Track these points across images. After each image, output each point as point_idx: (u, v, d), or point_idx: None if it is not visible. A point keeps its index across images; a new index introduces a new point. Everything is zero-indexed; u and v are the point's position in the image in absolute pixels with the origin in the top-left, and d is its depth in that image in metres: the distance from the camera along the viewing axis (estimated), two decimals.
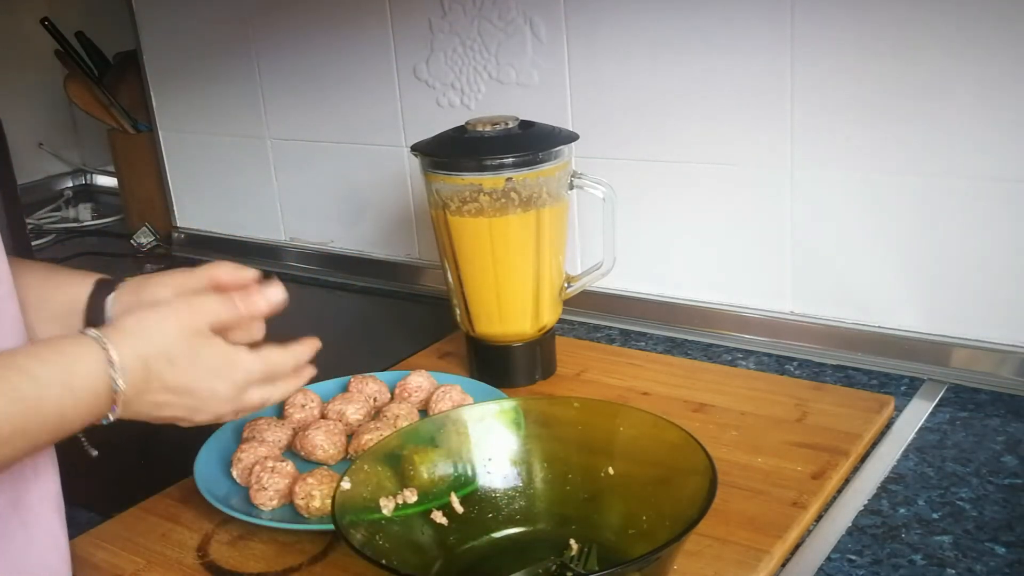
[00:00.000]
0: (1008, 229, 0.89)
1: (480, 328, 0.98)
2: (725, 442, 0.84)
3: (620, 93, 1.08)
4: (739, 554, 0.69)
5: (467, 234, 0.94)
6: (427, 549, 0.68)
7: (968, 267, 0.93)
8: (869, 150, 0.94)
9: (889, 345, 0.98)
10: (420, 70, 1.23)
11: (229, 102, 1.47)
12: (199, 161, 1.56)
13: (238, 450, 0.83)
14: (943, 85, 0.89)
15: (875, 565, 0.69)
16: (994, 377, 0.93)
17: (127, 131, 1.64)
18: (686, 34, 1.01)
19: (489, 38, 1.16)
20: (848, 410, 0.88)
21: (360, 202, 1.38)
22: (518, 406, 0.74)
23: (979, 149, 0.89)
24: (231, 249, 1.54)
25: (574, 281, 1.00)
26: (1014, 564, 0.68)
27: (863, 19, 0.91)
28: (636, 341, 1.10)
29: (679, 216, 1.08)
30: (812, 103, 0.96)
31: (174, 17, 1.49)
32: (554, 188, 0.94)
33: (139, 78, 1.57)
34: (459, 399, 0.88)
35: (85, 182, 2.02)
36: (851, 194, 0.97)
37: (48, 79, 1.81)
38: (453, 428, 0.73)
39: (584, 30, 1.08)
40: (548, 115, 1.06)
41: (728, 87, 1.00)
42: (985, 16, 0.85)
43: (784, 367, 1.01)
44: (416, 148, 0.96)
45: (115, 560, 0.76)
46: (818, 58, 0.94)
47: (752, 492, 0.77)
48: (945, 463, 0.81)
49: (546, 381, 1.00)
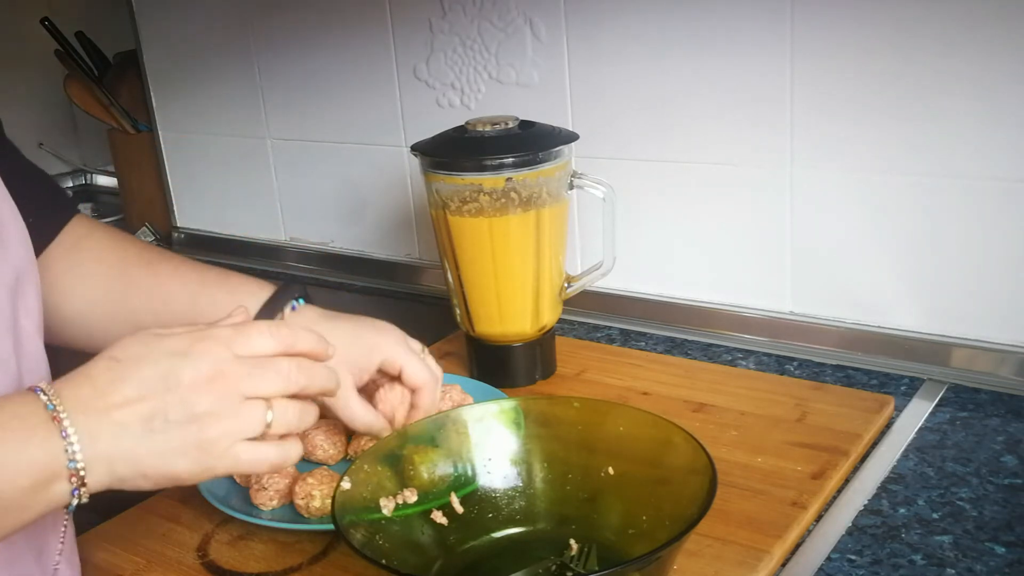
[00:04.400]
0: (1008, 229, 0.89)
1: (480, 328, 0.98)
2: (725, 442, 0.84)
3: (620, 93, 1.08)
4: (739, 554, 0.69)
5: (467, 234, 0.94)
6: (427, 549, 0.68)
7: (968, 267, 0.93)
8: (869, 150, 0.94)
9: (889, 345, 0.98)
10: (420, 70, 1.23)
11: (229, 102, 1.47)
12: (199, 161, 1.56)
13: None
14: (943, 85, 0.89)
15: (875, 565, 0.69)
16: (994, 377, 0.93)
17: (127, 131, 1.64)
18: (686, 34, 1.01)
19: (489, 38, 1.16)
20: (848, 410, 0.88)
21: (360, 202, 1.38)
22: (518, 406, 0.74)
23: (979, 149, 0.89)
24: (231, 249, 1.54)
25: (574, 281, 1.00)
26: (1014, 564, 0.68)
27: (863, 19, 0.91)
28: (636, 341, 1.10)
29: (679, 216, 1.08)
30: (812, 103, 0.96)
31: (174, 17, 1.49)
32: (554, 188, 0.94)
33: (139, 78, 1.57)
34: (459, 399, 0.88)
35: (85, 182, 2.02)
36: (851, 194, 0.97)
37: (48, 79, 1.81)
38: (453, 428, 0.73)
39: (584, 30, 1.08)
40: (548, 115, 1.06)
41: (728, 87, 1.00)
42: (985, 16, 0.85)
43: (784, 367, 1.01)
44: (416, 148, 0.96)
45: (115, 560, 0.76)
46: (818, 58, 0.94)
47: (752, 492, 0.77)
48: (945, 463, 0.81)
49: (546, 381, 1.00)
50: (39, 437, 0.52)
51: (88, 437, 0.53)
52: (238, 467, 0.57)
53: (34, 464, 0.52)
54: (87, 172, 2.02)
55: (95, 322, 0.77)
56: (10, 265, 0.61)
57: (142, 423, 0.54)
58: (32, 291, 0.63)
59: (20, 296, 0.62)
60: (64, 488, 0.53)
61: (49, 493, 0.52)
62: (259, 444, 0.57)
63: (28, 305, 0.63)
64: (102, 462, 0.53)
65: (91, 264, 0.77)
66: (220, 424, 0.55)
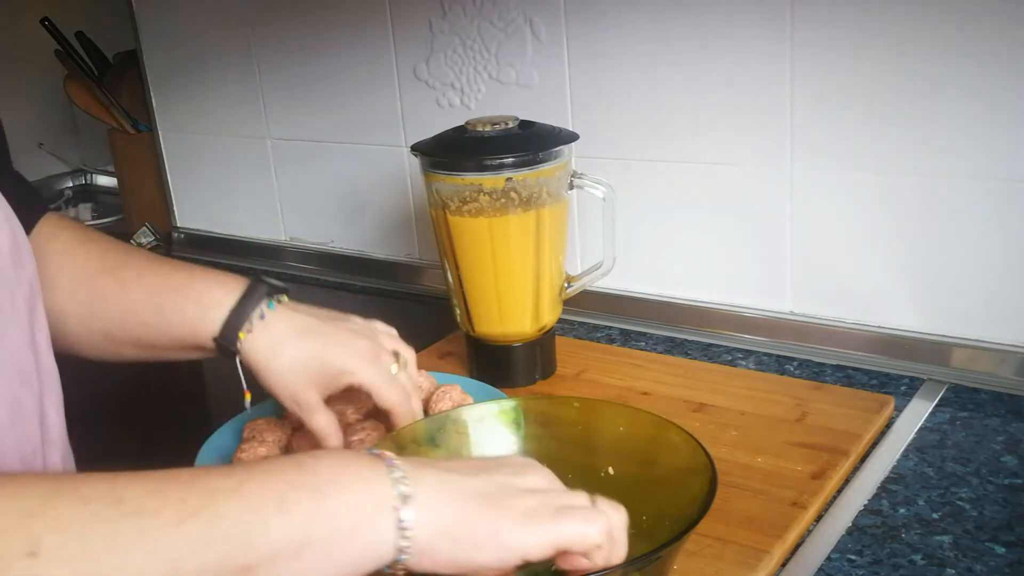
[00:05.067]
0: (1008, 229, 0.89)
1: (480, 328, 0.98)
2: (725, 442, 0.84)
3: (620, 93, 1.08)
4: (739, 554, 0.69)
5: (467, 234, 0.94)
6: None
7: (968, 267, 0.93)
8: (869, 150, 0.94)
9: (889, 345, 0.98)
10: (420, 70, 1.23)
11: (229, 102, 1.47)
12: (199, 161, 1.56)
13: (238, 450, 0.83)
14: (943, 85, 0.89)
15: (875, 565, 0.69)
16: (994, 377, 0.93)
17: (127, 131, 1.64)
18: (686, 34, 1.01)
19: (489, 38, 1.16)
20: (848, 410, 0.88)
21: (360, 202, 1.38)
22: (518, 406, 0.74)
23: (979, 149, 0.89)
24: (231, 249, 1.54)
25: (574, 281, 1.00)
26: (1014, 564, 0.68)
27: (862, 19, 0.91)
28: (636, 341, 1.10)
29: (679, 216, 1.08)
30: (812, 103, 0.96)
31: (174, 17, 1.49)
32: (554, 188, 0.94)
33: (139, 78, 1.57)
34: (459, 399, 0.88)
35: (85, 182, 2.02)
36: (851, 194, 0.97)
37: (48, 79, 1.81)
38: (453, 428, 0.73)
39: (584, 30, 1.08)
40: (548, 115, 1.06)
41: (728, 87, 1.00)
42: (985, 15, 0.85)
43: (784, 367, 1.01)
44: (416, 148, 0.95)
45: None
46: (818, 58, 0.94)
47: (752, 492, 0.77)
48: (945, 463, 0.81)
49: (546, 381, 1.00)
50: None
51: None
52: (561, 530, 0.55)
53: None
54: (87, 172, 2.02)
55: (70, 328, 0.76)
56: (27, 280, 0.61)
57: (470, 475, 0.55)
58: (42, 306, 0.63)
59: (35, 312, 0.62)
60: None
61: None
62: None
63: (40, 321, 0.62)
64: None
65: (54, 270, 0.75)
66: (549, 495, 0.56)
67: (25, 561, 0.41)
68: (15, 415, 0.57)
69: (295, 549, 0.48)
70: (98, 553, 0.43)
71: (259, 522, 0.48)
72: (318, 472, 0.51)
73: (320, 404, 0.76)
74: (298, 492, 0.49)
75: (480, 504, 0.53)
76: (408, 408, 0.78)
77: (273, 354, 0.75)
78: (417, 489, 0.52)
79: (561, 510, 0.55)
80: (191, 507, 0.46)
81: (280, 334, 0.75)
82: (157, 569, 0.44)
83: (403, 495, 0.51)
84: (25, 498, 0.43)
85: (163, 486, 0.47)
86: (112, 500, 0.45)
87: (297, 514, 0.49)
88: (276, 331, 0.75)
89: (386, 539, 0.51)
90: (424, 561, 0.52)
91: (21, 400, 0.58)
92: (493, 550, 0.53)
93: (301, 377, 0.75)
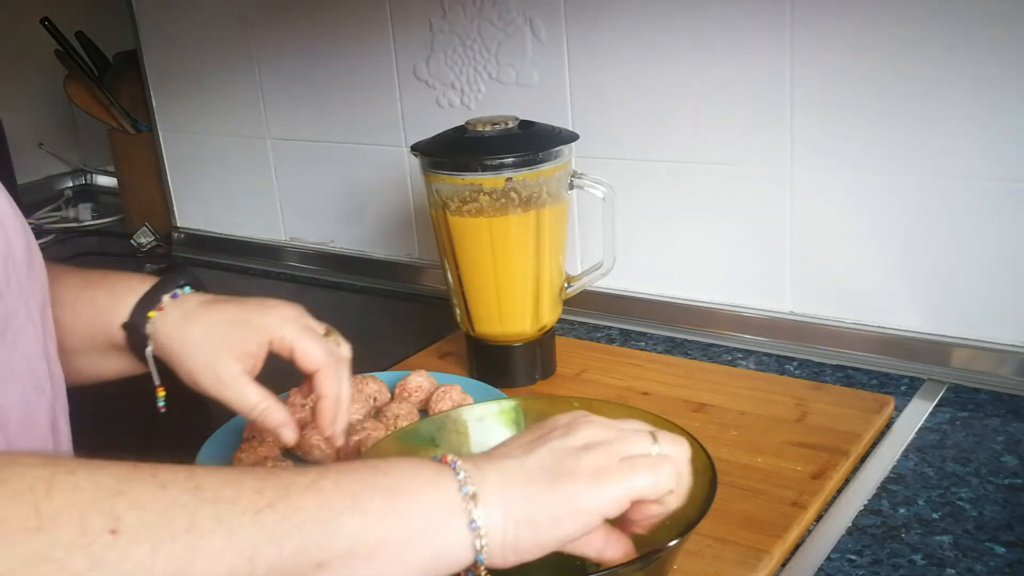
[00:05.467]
0: (1008, 229, 0.89)
1: (480, 328, 0.98)
2: (725, 442, 0.84)
3: (620, 93, 1.08)
4: (739, 554, 0.69)
5: (467, 234, 0.94)
6: None
7: (968, 267, 0.93)
8: (869, 150, 0.94)
9: (889, 345, 0.98)
10: (420, 70, 1.23)
11: (229, 102, 1.47)
12: (199, 161, 1.56)
13: (238, 450, 0.83)
14: (943, 85, 0.89)
15: (875, 565, 0.69)
16: (994, 377, 0.93)
17: (127, 131, 1.64)
18: (686, 34, 1.01)
19: (489, 38, 1.16)
20: (848, 410, 0.88)
21: (360, 202, 1.38)
22: (518, 406, 0.74)
23: (979, 149, 0.89)
24: (231, 249, 1.54)
25: (574, 281, 1.00)
26: (1014, 564, 0.68)
27: (862, 19, 0.91)
28: (636, 341, 1.10)
29: (679, 216, 1.08)
30: (812, 103, 0.96)
31: (174, 17, 1.49)
32: (554, 188, 0.94)
33: (139, 78, 1.57)
34: (459, 399, 0.88)
35: (85, 182, 2.02)
36: (851, 194, 0.97)
37: (48, 79, 1.81)
38: (453, 428, 0.73)
39: (584, 30, 1.08)
40: (548, 115, 1.06)
41: (728, 87, 1.00)
42: (985, 15, 0.85)
43: (784, 367, 1.01)
44: (416, 148, 0.96)
45: None
46: (817, 58, 0.94)
47: (752, 492, 0.77)
48: (945, 463, 0.81)
49: (546, 381, 1.00)
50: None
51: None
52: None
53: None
54: (87, 172, 2.02)
55: None
56: (39, 287, 0.61)
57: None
58: (51, 314, 0.63)
59: (46, 319, 0.61)
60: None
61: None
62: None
63: (50, 329, 0.62)
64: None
65: None
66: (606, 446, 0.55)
67: (107, 537, 0.41)
68: (29, 423, 0.57)
69: (369, 549, 0.48)
70: (178, 534, 0.43)
71: (334, 518, 0.47)
72: (390, 473, 0.51)
73: (244, 376, 0.70)
74: (372, 491, 0.49)
75: (545, 480, 0.52)
76: (336, 371, 0.72)
77: (185, 325, 0.70)
78: (482, 487, 0.51)
79: (628, 462, 0.54)
80: (267, 498, 0.46)
81: (191, 306, 0.71)
82: (236, 556, 0.44)
83: (471, 495, 0.51)
84: (105, 477, 0.43)
85: (240, 477, 0.47)
86: (190, 487, 0.45)
87: (371, 513, 0.49)
88: (188, 305, 0.71)
89: (460, 540, 0.50)
90: (509, 554, 0.52)
91: (35, 408, 0.58)
92: (572, 519, 0.52)
93: (219, 347, 0.69)
